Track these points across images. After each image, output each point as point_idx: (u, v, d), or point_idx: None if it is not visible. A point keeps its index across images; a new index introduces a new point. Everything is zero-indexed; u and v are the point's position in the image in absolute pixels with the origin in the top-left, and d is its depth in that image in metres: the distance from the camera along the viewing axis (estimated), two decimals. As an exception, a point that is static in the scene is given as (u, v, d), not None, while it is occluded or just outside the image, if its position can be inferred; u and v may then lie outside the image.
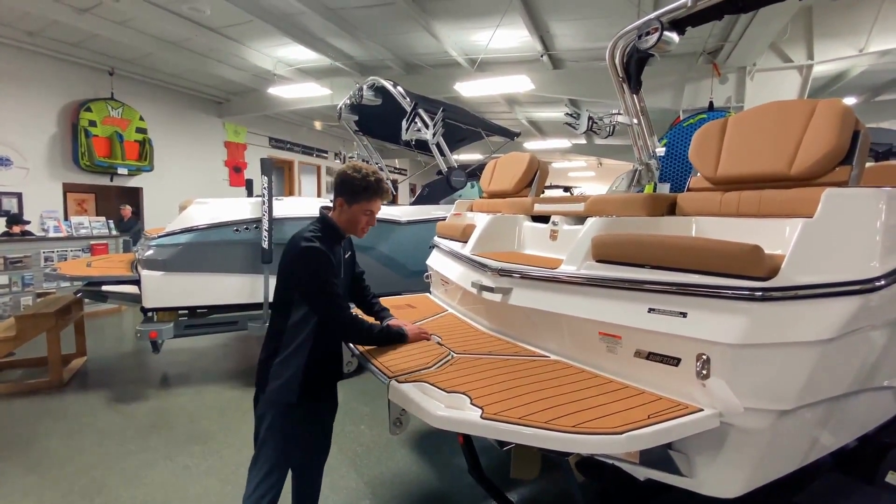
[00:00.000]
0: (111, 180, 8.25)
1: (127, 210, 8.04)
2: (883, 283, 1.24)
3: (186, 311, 3.84)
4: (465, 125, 5.18)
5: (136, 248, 4.41)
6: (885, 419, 1.88)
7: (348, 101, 5.21)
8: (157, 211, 8.75)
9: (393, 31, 6.72)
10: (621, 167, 14.84)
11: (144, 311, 3.71)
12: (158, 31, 6.64)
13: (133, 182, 8.68)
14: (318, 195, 13.89)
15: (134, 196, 8.84)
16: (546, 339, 1.87)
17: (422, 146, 4.96)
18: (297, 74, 8.46)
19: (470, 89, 7.50)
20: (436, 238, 3.12)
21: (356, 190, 1.79)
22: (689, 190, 1.95)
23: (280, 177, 12.71)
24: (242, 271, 3.80)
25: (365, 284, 2.23)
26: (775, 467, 1.43)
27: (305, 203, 4.50)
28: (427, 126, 4.50)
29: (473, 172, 5.44)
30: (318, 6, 5.96)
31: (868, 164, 4.89)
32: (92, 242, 6.54)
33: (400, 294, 3.50)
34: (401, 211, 4.74)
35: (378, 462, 2.77)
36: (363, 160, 6.16)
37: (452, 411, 1.32)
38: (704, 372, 1.29)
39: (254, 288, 3.83)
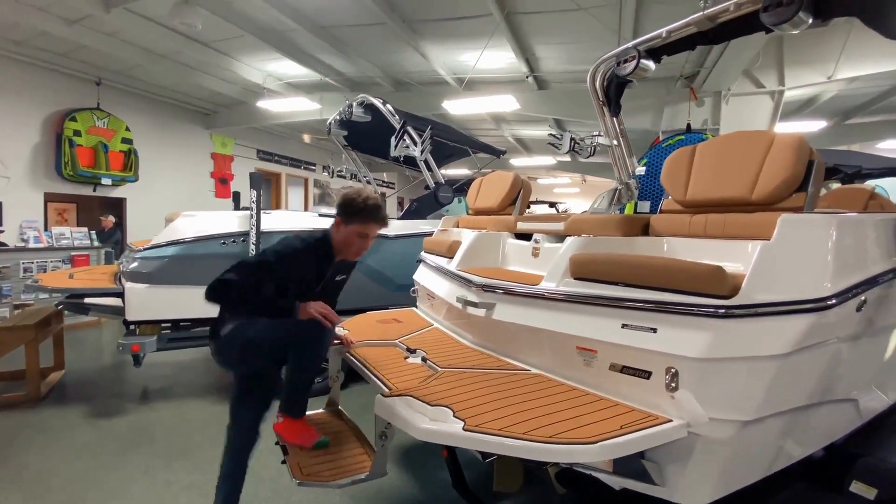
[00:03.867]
0: (94, 190, 8.16)
1: (108, 221, 7.94)
2: (834, 301, 1.35)
3: (169, 325, 3.81)
4: (452, 142, 5.30)
5: (121, 261, 4.38)
6: (848, 430, 1.98)
7: (338, 117, 5.30)
8: (141, 222, 8.66)
9: (383, 49, 6.87)
10: (605, 184, 15.17)
11: (127, 324, 3.67)
12: (148, 43, 6.67)
13: (117, 192, 8.59)
14: (306, 208, 13.87)
15: (117, 207, 8.74)
16: (527, 353, 1.93)
17: (410, 162, 5.06)
18: (286, 88, 8.55)
19: (458, 107, 7.68)
20: (423, 253, 3.19)
21: (353, 210, 1.86)
22: (661, 212, 2.06)
23: (267, 189, 12.69)
24: (229, 284, 3.80)
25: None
26: (741, 475, 1.50)
27: (293, 217, 4.54)
28: (415, 143, 4.60)
29: (461, 188, 5.54)
30: (310, 24, 6.08)
31: (836, 186, 5.12)
32: (73, 253, 6.44)
33: (387, 308, 3.55)
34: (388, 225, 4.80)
35: (362, 476, 2.78)
36: (351, 174, 6.22)
37: (436, 424, 1.37)
38: (673, 384, 1.38)
39: (240, 301, 3.83)
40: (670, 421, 1.34)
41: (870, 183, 5.73)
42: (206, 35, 6.38)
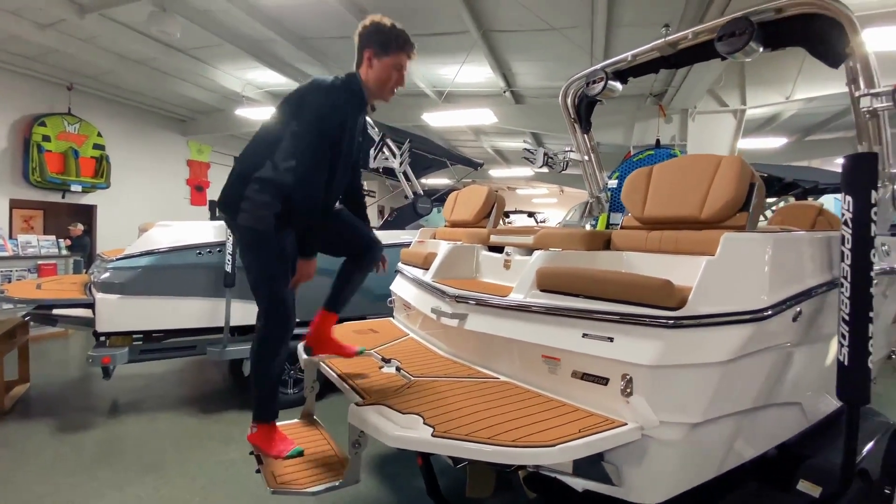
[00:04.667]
0: (63, 197, 7.95)
1: (77, 229, 7.73)
2: (770, 312, 1.48)
3: (141, 336, 3.76)
4: (431, 155, 5.40)
5: (91, 271, 4.29)
6: (795, 432, 2.13)
7: (317, 128, 5.34)
8: (112, 230, 8.46)
9: (363, 61, 6.95)
10: (582, 195, 15.53)
11: (97, 335, 3.61)
12: (123, 49, 6.59)
13: (87, 199, 8.39)
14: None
15: (87, 214, 8.52)
16: (497, 361, 2.02)
17: (389, 172, 5.14)
18: (265, 97, 8.54)
19: (437, 119, 7.82)
20: (400, 264, 3.26)
21: (388, 39, 1.63)
22: (621, 228, 2.20)
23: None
24: (204, 295, 3.78)
25: (360, 184, 2.04)
26: (693, 475, 1.61)
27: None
28: (394, 155, 4.69)
29: (441, 198, 5.64)
30: (290, 35, 6.13)
31: (796, 203, 5.40)
32: (39, 262, 6.25)
33: (365, 317, 3.59)
34: (367, 236, 4.85)
35: (338, 486, 2.79)
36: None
37: (405, 430, 1.44)
38: (628, 390, 1.48)
39: (215, 312, 3.81)
40: (625, 424, 1.44)
41: (826, 197, 6.08)
42: (184, 42, 6.35)
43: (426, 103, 8.00)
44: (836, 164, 11.03)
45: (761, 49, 2.31)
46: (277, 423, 2.33)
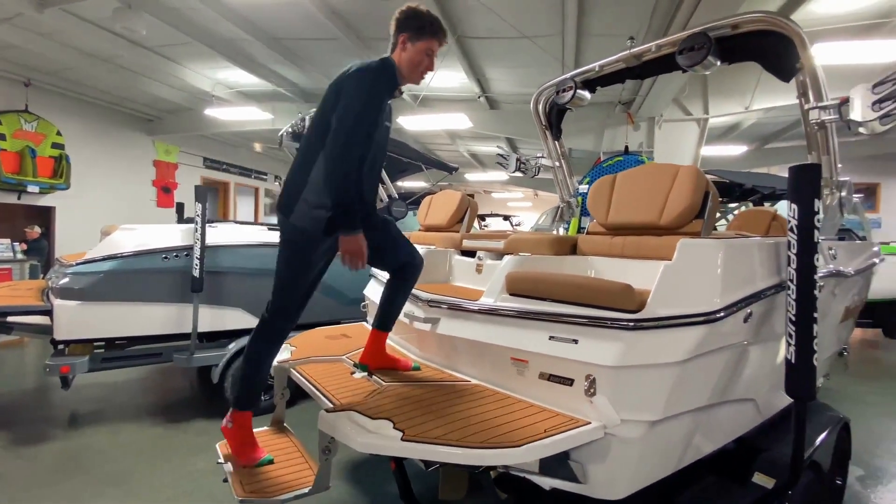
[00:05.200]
0: (19, 198, 7.57)
1: (34, 231, 7.37)
2: (723, 314, 1.57)
3: (103, 343, 3.62)
4: (406, 158, 5.41)
5: (49, 276, 4.10)
6: (750, 427, 2.24)
7: (290, 129, 5.26)
8: (72, 233, 8.09)
9: (337, 62, 6.89)
10: (555, 199, 15.80)
11: (55, 343, 3.46)
12: (86, 46, 6.34)
13: (45, 201, 8.00)
14: (256, 218, 13.46)
15: (45, 216, 8.13)
16: (468, 365, 2.05)
17: (363, 176, 5.11)
18: (236, 97, 8.36)
19: (413, 123, 7.83)
20: (373, 269, 3.25)
21: (423, 24, 1.71)
22: (588, 233, 2.27)
23: (214, 199, 12.22)
24: (170, 300, 3.68)
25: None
26: (653, 470, 1.68)
27: (240, 230, 4.42)
28: (368, 158, 4.67)
29: (416, 201, 5.65)
30: (262, 35, 6.04)
31: (752, 209, 5.66)
32: (-8, 267, 5.94)
33: (339, 322, 3.56)
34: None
35: (309, 493, 2.76)
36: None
37: (374, 436, 1.45)
38: (592, 390, 1.53)
39: (182, 318, 3.71)
40: (589, 423, 1.49)
41: (783, 203, 6.40)
42: (151, 40, 6.16)
43: (402, 106, 8.00)
44: (794, 170, 11.62)
45: (719, 63, 2.43)
46: None
